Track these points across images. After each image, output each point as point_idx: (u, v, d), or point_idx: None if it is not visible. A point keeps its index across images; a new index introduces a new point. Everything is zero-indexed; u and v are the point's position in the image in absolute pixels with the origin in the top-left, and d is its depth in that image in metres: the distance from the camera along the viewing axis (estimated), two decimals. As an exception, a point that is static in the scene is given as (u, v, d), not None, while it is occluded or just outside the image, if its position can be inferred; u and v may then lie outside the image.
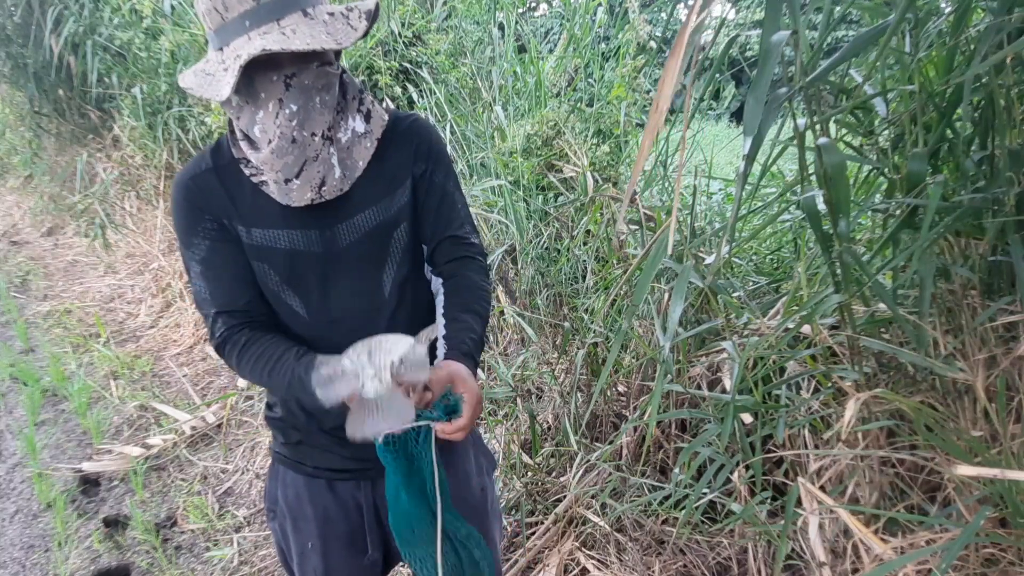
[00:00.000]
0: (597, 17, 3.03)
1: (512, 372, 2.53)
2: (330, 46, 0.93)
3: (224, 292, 1.08)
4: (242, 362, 1.07)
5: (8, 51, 5.68)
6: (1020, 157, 1.23)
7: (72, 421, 3.36)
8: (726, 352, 1.93)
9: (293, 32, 0.92)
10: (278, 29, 0.93)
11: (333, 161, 1.02)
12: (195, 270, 1.08)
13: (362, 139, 1.07)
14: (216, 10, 0.94)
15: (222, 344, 1.09)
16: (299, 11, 0.94)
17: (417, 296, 1.18)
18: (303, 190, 1.01)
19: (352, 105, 1.06)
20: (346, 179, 1.04)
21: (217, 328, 1.08)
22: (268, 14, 0.93)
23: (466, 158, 3.06)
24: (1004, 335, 1.39)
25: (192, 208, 1.07)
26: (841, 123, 1.57)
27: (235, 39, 0.94)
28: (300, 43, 0.91)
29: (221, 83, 0.93)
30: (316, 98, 0.99)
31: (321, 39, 0.93)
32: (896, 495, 1.52)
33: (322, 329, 1.11)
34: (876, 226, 1.79)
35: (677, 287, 1.33)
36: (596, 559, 1.95)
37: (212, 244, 1.07)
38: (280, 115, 0.97)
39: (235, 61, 0.91)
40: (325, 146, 1.01)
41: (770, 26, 1.10)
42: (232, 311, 1.08)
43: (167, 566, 2.33)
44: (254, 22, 0.93)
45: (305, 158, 1.00)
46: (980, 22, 1.38)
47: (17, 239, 6.65)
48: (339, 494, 1.20)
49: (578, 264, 2.54)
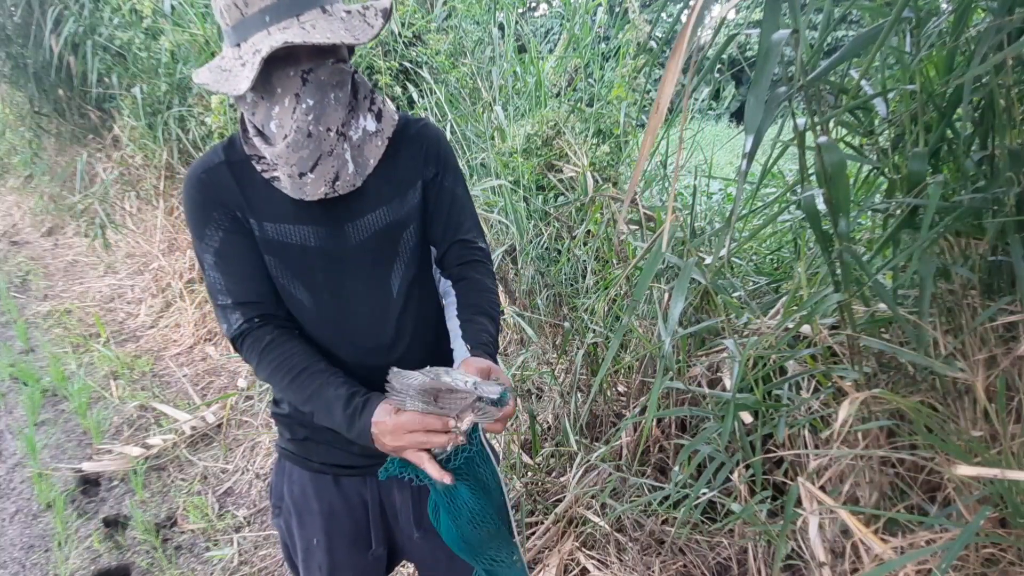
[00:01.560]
0: (597, 17, 3.03)
1: (512, 372, 2.53)
2: (350, 41, 0.95)
3: (240, 284, 1.08)
4: (263, 361, 1.06)
5: (8, 51, 5.68)
6: (1020, 157, 1.23)
7: (72, 421, 3.36)
8: (726, 352, 1.93)
9: (313, 27, 0.94)
10: (297, 24, 0.94)
11: (347, 157, 1.04)
12: (209, 261, 1.08)
13: (373, 137, 1.08)
14: (236, 5, 0.95)
15: (241, 337, 1.08)
16: (318, 7, 0.96)
17: (424, 296, 1.20)
18: (317, 184, 1.02)
19: (363, 104, 1.08)
20: (358, 175, 1.06)
21: (234, 320, 1.07)
22: (287, 10, 0.94)
23: (466, 158, 3.06)
24: (1004, 335, 1.39)
25: (205, 201, 1.07)
26: (841, 123, 1.57)
27: (254, 34, 0.95)
28: (320, 37, 0.93)
29: (239, 78, 0.94)
30: (331, 94, 1.00)
31: (340, 34, 0.95)
32: (896, 495, 1.52)
33: (329, 325, 1.12)
34: (876, 226, 1.79)
35: (679, 283, 1.33)
36: (596, 559, 1.95)
37: (226, 235, 1.07)
38: (297, 110, 0.98)
39: (254, 56, 0.92)
40: (340, 142, 1.03)
41: (770, 24, 1.10)
42: (248, 303, 1.08)
43: (167, 566, 2.33)
44: (274, 17, 0.94)
45: (320, 152, 1.01)
46: (980, 22, 1.38)
47: (17, 239, 6.65)
48: (344, 490, 1.21)
49: (578, 264, 2.54)
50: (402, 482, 1.17)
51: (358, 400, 1.00)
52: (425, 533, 1.21)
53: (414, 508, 1.22)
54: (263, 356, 1.06)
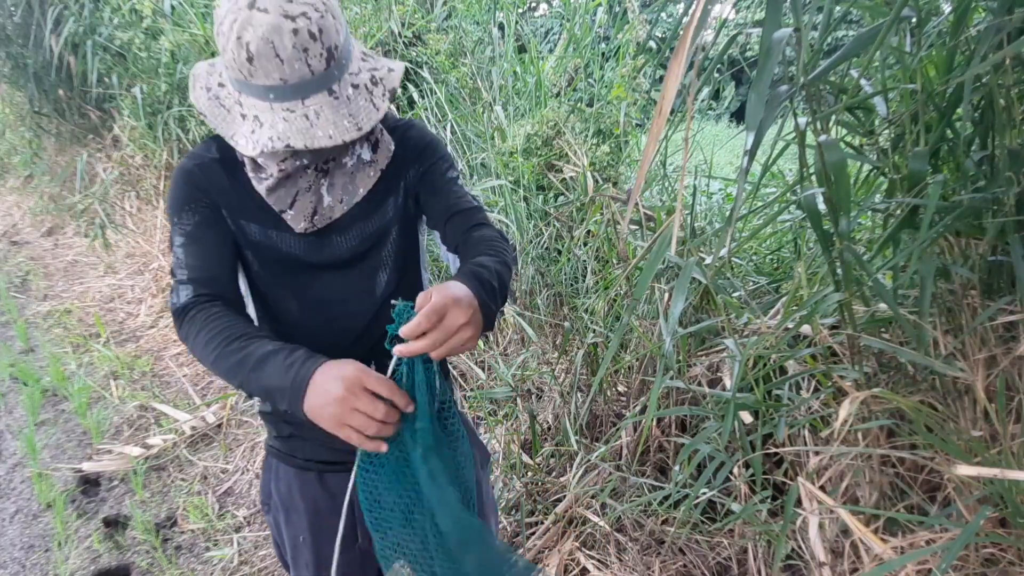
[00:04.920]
0: (597, 17, 3.03)
1: (512, 372, 2.54)
2: (351, 137, 0.92)
3: (201, 264, 1.04)
4: (203, 329, 0.97)
5: (8, 51, 5.68)
6: (1020, 157, 1.23)
7: (72, 421, 3.35)
8: (726, 352, 1.94)
9: (317, 116, 0.91)
10: (302, 109, 0.91)
11: (322, 192, 1.05)
12: (177, 242, 1.05)
13: (367, 167, 1.09)
14: (239, 68, 0.90)
15: (186, 310, 1.01)
16: (325, 90, 0.92)
17: (412, 297, 1.19)
18: (297, 220, 1.05)
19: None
20: (342, 204, 1.07)
21: (184, 293, 1.02)
22: (294, 93, 0.90)
23: (466, 158, 3.06)
24: (1004, 335, 1.39)
25: (190, 188, 1.05)
26: (841, 123, 1.57)
27: (256, 100, 0.92)
28: (323, 136, 0.90)
29: (237, 132, 0.94)
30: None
31: (343, 127, 0.92)
32: (896, 495, 1.52)
33: (314, 330, 1.12)
34: (876, 226, 1.79)
35: (679, 283, 1.33)
36: (596, 559, 1.95)
37: (201, 221, 1.05)
38: (287, 162, 1.00)
39: (252, 134, 0.92)
40: (316, 177, 1.04)
41: (772, 23, 1.10)
42: (205, 281, 1.03)
43: (167, 566, 2.33)
44: (278, 97, 0.90)
45: (297, 189, 1.03)
46: (980, 22, 1.38)
47: (17, 239, 6.64)
48: (328, 486, 1.21)
49: (578, 264, 2.54)
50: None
51: (302, 352, 0.90)
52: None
53: None
54: (205, 324, 0.97)
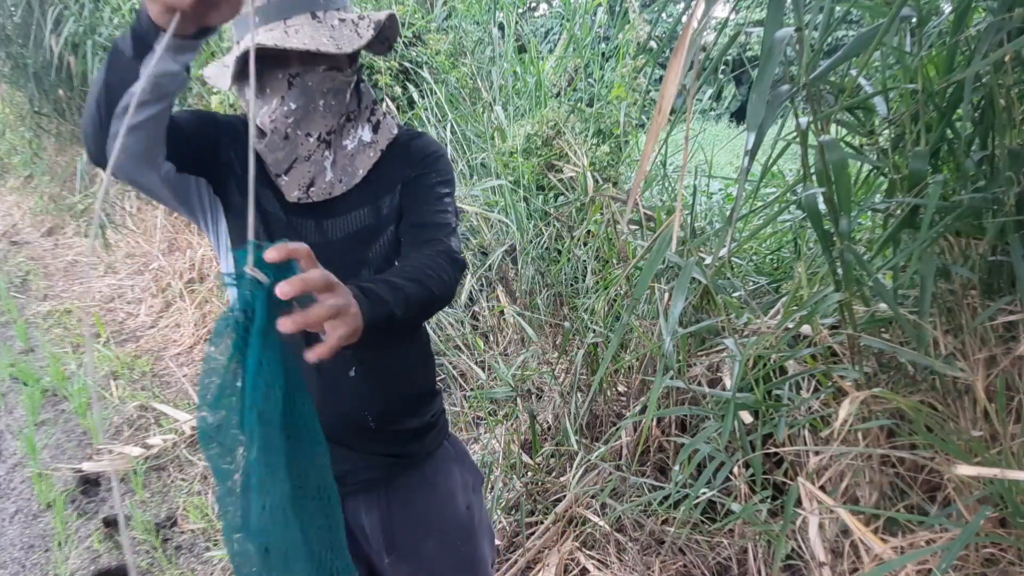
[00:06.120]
0: (597, 17, 3.04)
1: (512, 372, 2.53)
2: (329, 50, 0.94)
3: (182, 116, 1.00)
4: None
5: (8, 51, 5.69)
6: (1020, 157, 1.23)
7: (72, 421, 3.35)
8: (726, 351, 1.94)
9: (296, 32, 0.94)
10: (283, 27, 0.94)
11: (325, 164, 1.04)
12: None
13: (367, 148, 1.08)
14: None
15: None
16: (308, 13, 0.96)
17: None
18: (291, 187, 1.04)
19: (364, 114, 1.08)
20: (342, 184, 1.06)
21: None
22: (277, 13, 0.95)
23: (466, 158, 3.07)
24: (1004, 335, 1.39)
25: (215, 115, 1.08)
26: (842, 123, 1.57)
27: (245, 34, 0.97)
28: (297, 42, 0.92)
29: (227, 74, 0.97)
30: (320, 100, 1.00)
31: (320, 41, 0.94)
32: (896, 495, 1.52)
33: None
34: (876, 226, 1.79)
35: (679, 283, 1.33)
36: (596, 559, 1.95)
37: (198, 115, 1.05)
38: (278, 111, 0.99)
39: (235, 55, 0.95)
40: (319, 149, 1.03)
41: (773, 22, 1.10)
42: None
43: (167, 566, 2.33)
44: (263, 19, 0.95)
45: (296, 156, 1.02)
46: (980, 21, 1.38)
47: (17, 239, 6.63)
48: None
49: (578, 264, 2.54)
50: (370, 506, 1.14)
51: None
52: (396, 558, 1.18)
53: (383, 533, 1.17)
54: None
